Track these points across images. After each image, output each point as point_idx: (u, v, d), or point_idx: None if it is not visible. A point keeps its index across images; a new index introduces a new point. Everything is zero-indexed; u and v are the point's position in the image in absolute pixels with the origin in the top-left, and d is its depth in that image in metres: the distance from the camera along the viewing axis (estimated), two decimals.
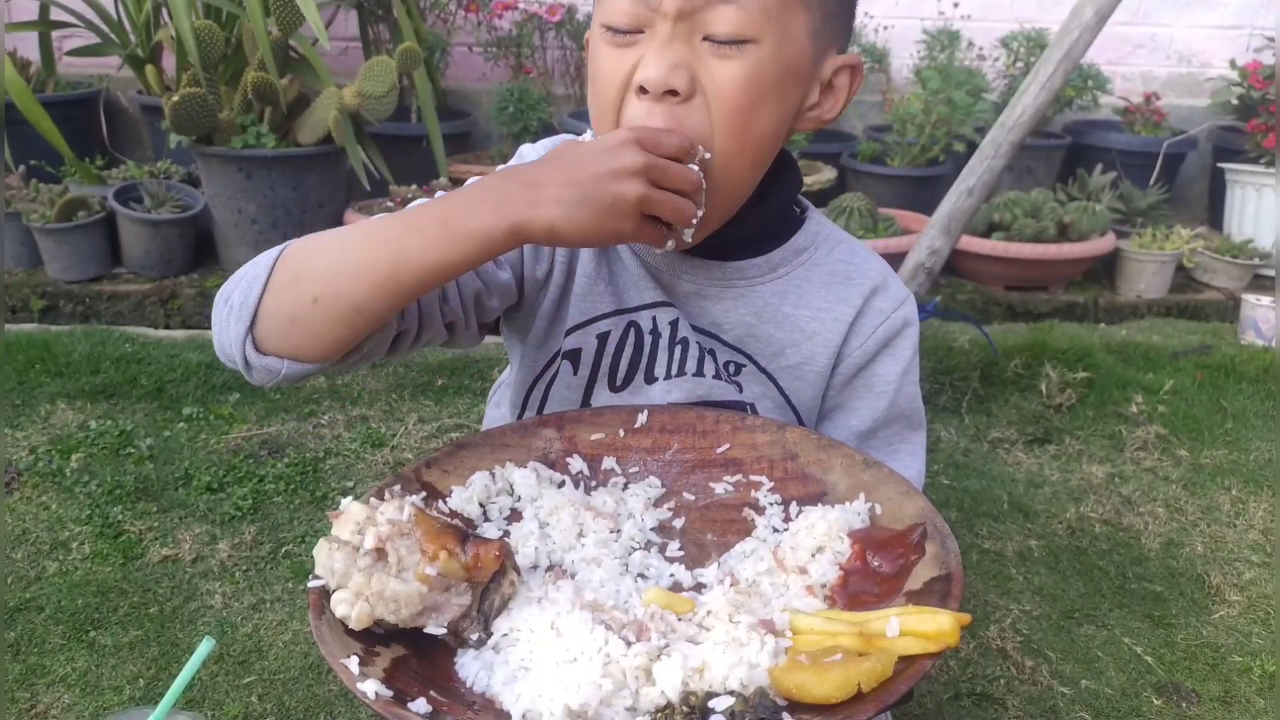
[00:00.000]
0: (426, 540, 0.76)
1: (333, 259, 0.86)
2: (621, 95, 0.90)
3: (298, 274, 0.86)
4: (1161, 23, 4.32)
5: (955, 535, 0.79)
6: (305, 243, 0.89)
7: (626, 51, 0.89)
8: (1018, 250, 3.28)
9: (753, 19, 0.86)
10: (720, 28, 0.86)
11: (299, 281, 0.85)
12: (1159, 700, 1.65)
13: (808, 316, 1.03)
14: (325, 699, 1.56)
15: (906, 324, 1.05)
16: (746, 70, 0.88)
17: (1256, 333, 3.09)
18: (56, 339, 2.62)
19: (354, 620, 0.72)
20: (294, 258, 0.87)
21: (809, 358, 1.03)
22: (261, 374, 0.88)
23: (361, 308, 0.84)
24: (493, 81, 3.87)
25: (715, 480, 0.93)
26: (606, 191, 0.82)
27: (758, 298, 1.02)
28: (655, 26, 0.88)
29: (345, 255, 0.86)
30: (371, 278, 0.83)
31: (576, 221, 0.82)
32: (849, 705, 0.66)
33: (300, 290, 0.85)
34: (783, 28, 0.88)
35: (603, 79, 0.92)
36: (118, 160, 3.48)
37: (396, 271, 0.83)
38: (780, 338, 1.03)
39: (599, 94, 0.93)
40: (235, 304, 0.88)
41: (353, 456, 2.24)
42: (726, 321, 1.03)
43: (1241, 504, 2.22)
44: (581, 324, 1.03)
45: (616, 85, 0.90)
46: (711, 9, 0.86)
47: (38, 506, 1.98)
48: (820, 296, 1.03)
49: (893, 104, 3.77)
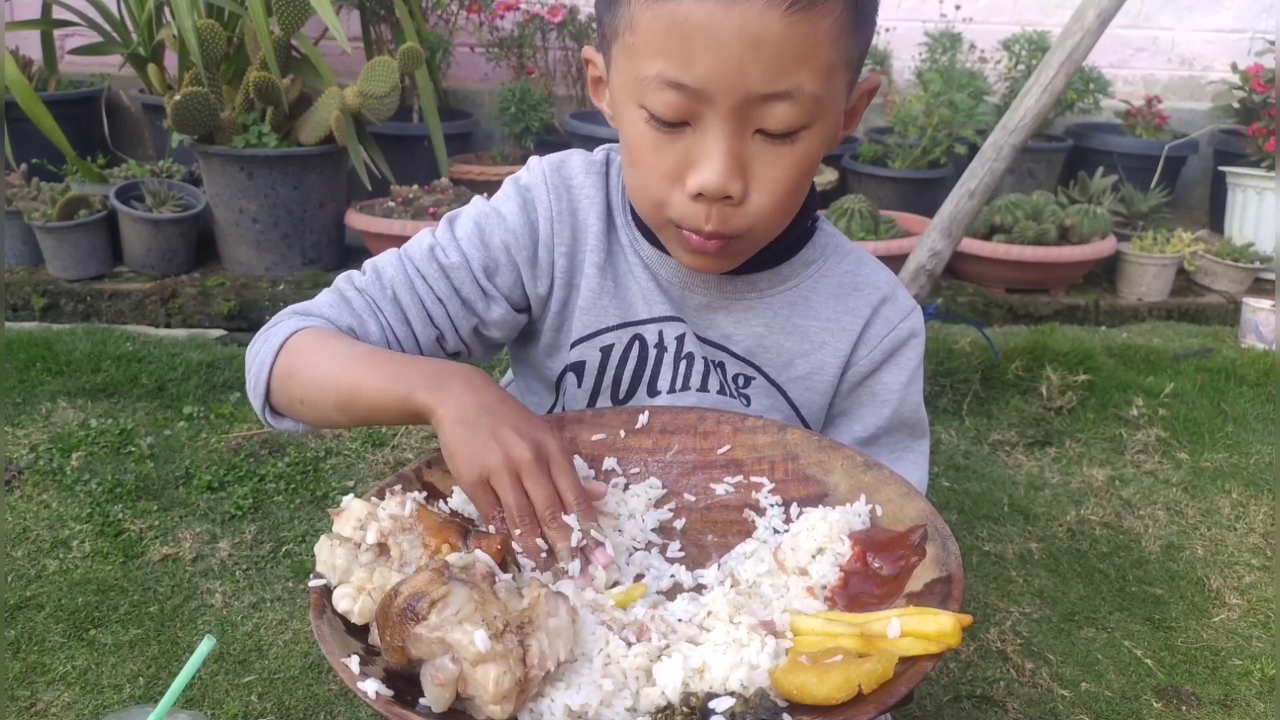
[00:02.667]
0: (428, 535, 0.76)
1: (317, 371, 0.94)
2: (668, 186, 0.89)
3: (291, 373, 0.95)
4: (1163, 26, 4.32)
5: (956, 537, 0.80)
6: (308, 340, 0.96)
7: (672, 142, 0.87)
8: (1019, 253, 3.28)
9: (807, 110, 0.85)
10: (775, 125, 0.85)
11: (292, 378, 0.95)
12: (1159, 703, 1.65)
13: (817, 327, 1.04)
14: (325, 698, 1.56)
15: (913, 334, 1.06)
16: (799, 157, 0.88)
17: (1257, 336, 3.09)
18: (57, 337, 2.62)
19: (356, 615, 0.72)
20: (295, 352, 0.96)
21: (818, 368, 1.04)
22: (283, 429, 1.00)
23: (332, 420, 0.95)
24: (494, 82, 3.87)
25: (716, 481, 0.93)
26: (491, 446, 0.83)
27: (767, 309, 1.04)
28: (704, 119, 0.85)
29: (326, 371, 0.93)
30: (335, 399, 0.92)
31: (459, 440, 0.83)
32: (849, 706, 0.66)
33: (292, 388, 0.95)
34: (830, 100, 0.87)
35: (646, 166, 0.90)
36: (119, 159, 3.49)
37: (352, 401, 0.91)
38: (790, 348, 1.04)
39: (644, 180, 0.91)
40: (251, 379, 0.99)
41: (353, 456, 2.24)
42: (737, 333, 1.04)
43: (1242, 507, 2.22)
44: (586, 337, 1.05)
45: (662, 176, 0.89)
46: (766, 106, 0.84)
47: (38, 505, 1.98)
48: (829, 307, 1.04)
49: (894, 106, 3.77)
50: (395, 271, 1.02)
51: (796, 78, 0.82)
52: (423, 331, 1.01)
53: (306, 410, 0.95)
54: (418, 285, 1.01)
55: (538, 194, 1.03)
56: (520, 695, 0.65)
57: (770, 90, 0.82)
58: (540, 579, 0.78)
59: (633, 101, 0.88)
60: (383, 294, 1.01)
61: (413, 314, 1.01)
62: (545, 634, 0.67)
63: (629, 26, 0.86)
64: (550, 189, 1.03)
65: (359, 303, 1.01)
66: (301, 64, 3.15)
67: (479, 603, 0.66)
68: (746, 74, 0.81)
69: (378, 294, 1.01)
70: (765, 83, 0.82)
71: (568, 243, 1.03)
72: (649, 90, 0.85)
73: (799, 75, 0.82)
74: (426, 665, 0.66)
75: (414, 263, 1.02)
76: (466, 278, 1.02)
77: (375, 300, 1.01)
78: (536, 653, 0.66)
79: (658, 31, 0.83)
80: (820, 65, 0.84)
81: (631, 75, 0.87)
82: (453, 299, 1.01)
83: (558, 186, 1.03)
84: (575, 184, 1.04)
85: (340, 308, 1.00)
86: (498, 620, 0.66)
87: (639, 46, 0.85)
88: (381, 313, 1.00)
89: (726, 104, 0.83)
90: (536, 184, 1.04)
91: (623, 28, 0.87)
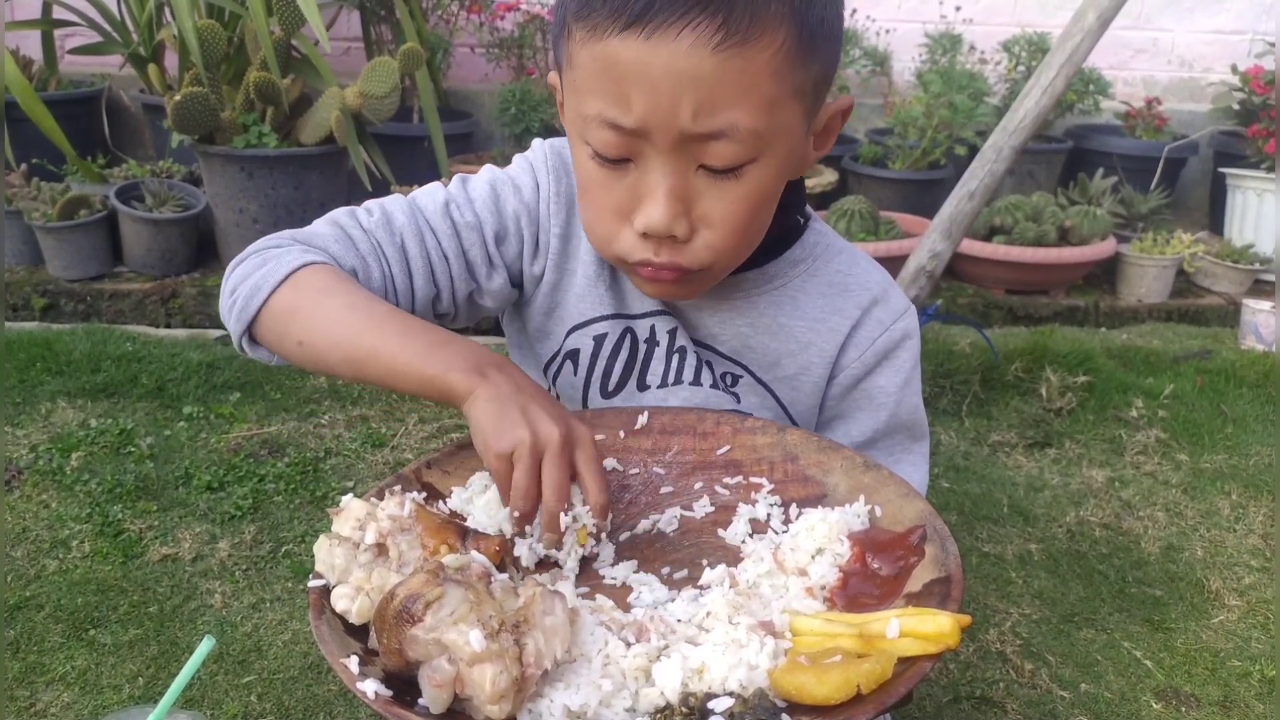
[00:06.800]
0: (427, 535, 0.76)
1: (328, 318, 0.89)
2: (618, 224, 0.88)
3: (296, 309, 0.90)
4: (1163, 27, 4.32)
5: (955, 538, 0.79)
6: (319, 279, 0.91)
7: (619, 178, 0.86)
8: (1019, 254, 3.28)
9: (748, 146, 0.82)
10: (716, 161, 0.82)
11: (294, 317, 0.90)
12: (1158, 705, 1.65)
13: (803, 327, 1.02)
14: (325, 699, 1.56)
15: (906, 336, 1.03)
16: (747, 192, 0.85)
17: (1257, 338, 3.09)
18: (57, 337, 2.62)
19: (354, 615, 0.72)
20: (303, 289, 0.91)
21: (804, 368, 1.03)
22: (256, 357, 0.95)
23: (334, 370, 0.91)
24: (494, 82, 3.87)
25: (716, 482, 0.93)
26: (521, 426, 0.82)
27: (753, 309, 1.02)
28: (645, 157, 0.83)
29: (339, 321, 0.89)
30: (346, 353, 0.88)
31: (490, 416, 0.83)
32: (848, 707, 0.66)
33: (291, 326, 0.90)
34: (779, 132, 0.84)
35: (595, 204, 0.90)
36: (119, 159, 3.49)
37: (366, 361, 0.88)
38: (776, 348, 1.03)
39: (594, 216, 0.91)
40: (239, 302, 0.92)
41: (353, 456, 2.24)
42: (722, 333, 1.03)
43: (1241, 509, 2.22)
44: (581, 324, 1.04)
45: (610, 214, 0.88)
46: (704, 144, 0.81)
47: (38, 505, 1.98)
48: (816, 307, 1.02)
49: (894, 107, 3.77)
50: (406, 219, 0.98)
51: (730, 116, 0.80)
52: (422, 287, 0.98)
53: (303, 352, 0.91)
54: (427, 239, 0.98)
55: (540, 174, 1.03)
56: (518, 695, 0.65)
57: (704, 130, 0.80)
58: (538, 578, 0.78)
59: (579, 139, 0.87)
60: (391, 240, 0.97)
61: (417, 267, 0.98)
62: (541, 633, 0.67)
63: (570, 63, 0.85)
64: (550, 171, 1.02)
65: (365, 244, 0.97)
66: (302, 64, 3.15)
67: (474, 603, 0.66)
68: (678, 114, 0.79)
69: (385, 239, 0.97)
70: (698, 122, 0.79)
71: (562, 225, 1.02)
72: (591, 128, 0.84)
73: (733, 113, 0.80)
74: (424, 667, 0.66)
75: (425, 215, 0.99)
76: (477, 240, 1.00)
77: (381, 245, 0.97)
78: (533, 651, 0.66)
79: (594, 71, 0.81)
80: (759, 101, 0.80)
81: (576, 112, 0.86)
82: (459, 259, 0.99)
83: (558, 169, 1.02)
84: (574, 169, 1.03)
85: (345, 245, 0.97)
86: (493, 620, 0.66)
87: (580, 84, 0.84)
88: (386, 259, 0.97)
89: (664, 142, 0.81)
90: (539, 164, 1.03)
91: (566, 64, 0.86)
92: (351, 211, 1.00)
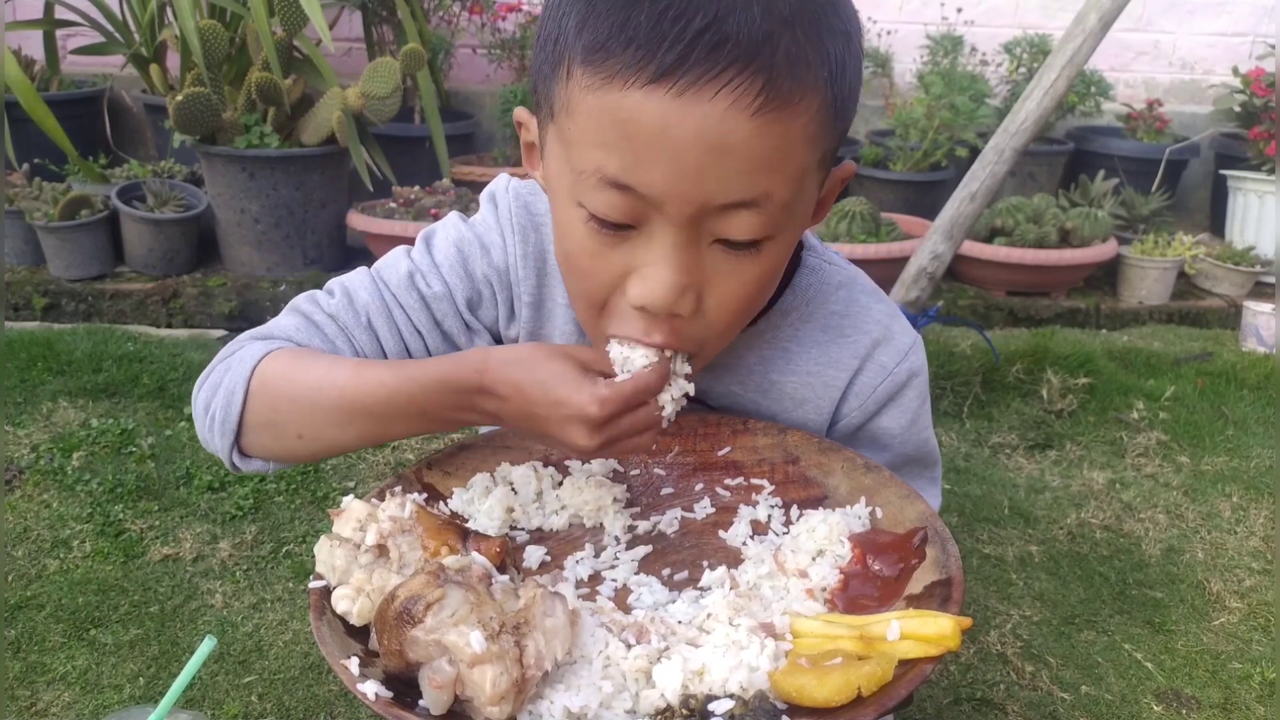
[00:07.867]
0: (428, 536, 0.76)
1: (309, 385, 0.85)
2: (608, 294, 0.79)
3: (275, 406, 0.86)
4: (1165, 30, 4.32)
5: (956, 540, 0.79)
6: (284, 361, 0.87)
7: (616, 245, 0.75)
8: (1020, 256, 3.28)
9: (774, 219, 0.74)
10: (738, 234, 0.74)
11: (276, 402, 0.86)
12: (1159, 706, 1.65)
13: (796, 384, 0.96)
14: (325, 699, 1.56)
15: (912, 374, 0.96)
16: (762, 270, 0.78)
17: (1258, 340, 3.09)
18: (59, 337, 2.62)
19: (355, 616, 0.72)
20: (270, 385, 0.86)
21: (799, 424, 0.97)
22: (250, 470, 0.92)
23: (334, 439, 0.87)
24: (496, 83, 3.88)
25: (716, 483, 0.93)
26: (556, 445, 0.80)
27: (741, 366, 0.96)
28: (653, 224, 0.73)
29: (321, 381, 0.85)
30: (337, 407, 0.85)
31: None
32: (849, 709, 0.66)
33: (282, 427, 0.87)
34: (801, 204, 0.77)
35: (585, 274, 0.79)
36: (121, 159, 3.49)
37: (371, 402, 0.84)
38: (768, 406, 0.97)
39: (583, 288, 0.81)
40: (217, 418, 0.89)
41: (353, 457, 2.24)
42: (712, 392, 0.98)
43: (1242, 511, 2.22)
44: None
45: (602, 283, 0.78)
46: (727, 215, 0.72)
47: (39, 504, 1.99)
48: (810, 359, 0.96)
49: (895, 109, 3.77)
50: (370, 296, 0.92)
51: (764, 186, 0.72)
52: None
53: (304, 447, 0.87)
54: (396, 315, 0.92)
55: (506, 234, 0.95)
56: (518, 696, 0.65)
57: (732, 200, 0.72)
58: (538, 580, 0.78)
59: (569, 198, 0.76)
60: (356, 320, 0.91)
61: (389, 345, 0.92)
62: (542, 634, 0.67)
63: (566, 109, 0.74)
64: (517, 229, 0.95)
65: (330, 328, 0.91)
66: (303, 65, 3.15)
67: (474, 604, 0.66)
68: (704, 185, 0.70)
69: (350, 320, 0.91)
70: (727, 193, 0.71)
71: (533, 291, 0.95)
72: (587, 188, 0.73)
73: (767, 183, 0.72)
74: (424, 668, 0.66)
75: (390, 289, 0.93)
76: (449, 310, 0.94)
77: (348, 327, 0.91)
78: (533, 653, 0.66)
79: (600, 123, 0.71)
80: (793, 171, 0.73)
81: (567, 166, 0.75)
82: (433, 332, 0.93)
83: (524, 226, 0.95)
84: (544, 223, 0.95)
85: (309, 333, 0.91)
86: (493, 621, 0.66)
87: (577, 136, 0.73)
88: (355, 341, 0.91)
89: (679, 214, 0.72)
90: (504, 220, 0.96)
91: (559, 109, 0.75)
92: (312, 297, 0.94)
